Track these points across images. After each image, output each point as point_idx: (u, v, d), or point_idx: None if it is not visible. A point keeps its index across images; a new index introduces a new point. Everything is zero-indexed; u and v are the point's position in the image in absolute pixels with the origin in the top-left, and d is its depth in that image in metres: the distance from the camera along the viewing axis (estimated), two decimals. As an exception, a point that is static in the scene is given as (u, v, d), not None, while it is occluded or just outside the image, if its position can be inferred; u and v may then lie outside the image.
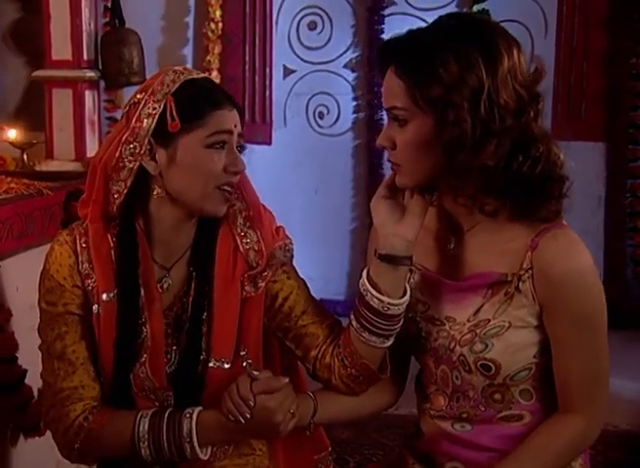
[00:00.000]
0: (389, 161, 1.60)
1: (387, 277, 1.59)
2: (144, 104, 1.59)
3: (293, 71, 4.65)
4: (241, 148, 1.65)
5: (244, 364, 1.59)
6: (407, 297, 1.60)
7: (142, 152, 1.59)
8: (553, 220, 1.56)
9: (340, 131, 4.64)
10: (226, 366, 1.65)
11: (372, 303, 1.59)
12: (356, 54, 4.61)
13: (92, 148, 2.94)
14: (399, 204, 1.60)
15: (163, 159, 1.60)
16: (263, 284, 1.68)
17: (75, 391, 1.64)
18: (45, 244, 2.27)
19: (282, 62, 4.62)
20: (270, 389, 1.55)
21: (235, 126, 1.62)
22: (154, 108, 1.58)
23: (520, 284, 1.55)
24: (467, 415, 1.63)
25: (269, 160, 4.39)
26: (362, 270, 1.64)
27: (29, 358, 2.16)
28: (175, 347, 1.67)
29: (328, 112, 4.66)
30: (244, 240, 1.68)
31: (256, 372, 1.56)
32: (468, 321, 1.59)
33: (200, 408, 1.61)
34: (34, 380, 2.20)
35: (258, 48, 4.51)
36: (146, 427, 1.60)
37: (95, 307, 1.64)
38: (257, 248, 1.68)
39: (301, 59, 4.64)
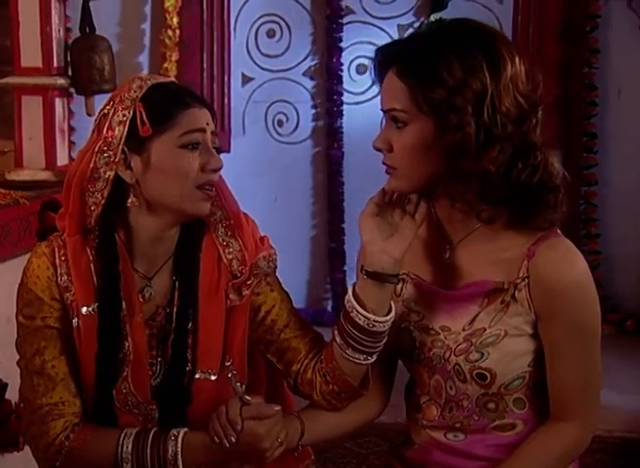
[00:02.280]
0: (384, 164, 1.59)
1: (373, 294, 1.58)
2: (114, 113, 1.58)
3: (251, 79, 4.65)
4: (216, 149, 1.62)
5: (229, 375, 1.57)
6: (392, 315, 1.60)
7: (117, 161, 1.57)
8: (548, 229, 1.57)
9: (299, 139, 4.65)
10: (213, 377, 1.63)
11: (357, 320, 1.58)
12: (315, 62, 4.64)
13: (62, 157, 2.90)
14: (387, 221, 1.59)
15: (138, 166, 1.58)
16: (248, 292, 1.66)
17: (55, 407, 1.60)
18: (21, 255, 2.22)
19: (240, 70, 4.62)
20: (260, 415, 1.53)
21: (207, 124, 1.60)
22: (124, 115, 1.57)
23: (516, 292, 1.55)
24: (461, 425, 1.62)
25: (228, 168, 4.31)
26: (348, 286, 1.63)
27: (7, 372, 2.12)
28: (160, 359, 1.65)
29: (287, 120, 4.67)
30: (226, 250, 1.66)
31: (248, 397, 1.54)
32: (464, 330, 1.59)
33: (186, 429, 1.58)
34: (13, 394, 2.16)
35: (216, 55, 4.50)
36: (130, 448, 1.56)
37: (74, 321, 1.61)
38: (239, 257, 1.66)
39: (260, 67, 4.64)
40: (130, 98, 1.58)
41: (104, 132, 1.58)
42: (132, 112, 1.57)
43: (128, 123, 1.57)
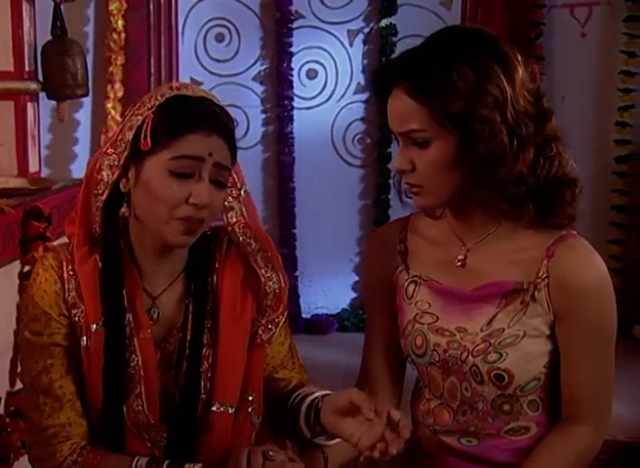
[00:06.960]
0: (407, 184, 1.57)
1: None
2: (130, 117, 1.52)
3: (200, 84, 4.56)
4: (217, 183, 1.50)
5: (249, 409, 1.56)
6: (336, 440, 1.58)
7: (119, 166, 1.51)
8: (567, 227, 1.59)
9: (249, 144, 4.60)
10: (230, 410, 1.57)
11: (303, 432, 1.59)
12: (265, 66, 4.60)
13: (33, 164, 2.80)
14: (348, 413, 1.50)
15: (132, 177, 1.51)
16: (277, 330, 1.63)
17: (62, 429, 1.52)
18: (5, 265, 2.13)
19: (189, 75, 4.53)
20: None
21: (211, 154, 1.47)
22: (137, 121, 1.50)
23: (536, 292, 1.56)
24: (475, 428, 1.62)
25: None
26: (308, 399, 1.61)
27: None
28: (174, 385, 1.57)
29: (237, 125, 4.60)
30: (269, 282, 1.61)
31: (272, 453, 1.48)
32: (481, 331, 1.59)
33: (200, 465, 1.51)
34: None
35: (163, 59, 4.41)
36: None
37: (83, 339, 1.53)
38: (278, 291, 1.62)
39: (209, 72, 4.58)
40: (147, 105, 1.50)
41: (117, 134, 1.52)
42: (143, 120, 1.49)
43: (135, 130, 1.49)
